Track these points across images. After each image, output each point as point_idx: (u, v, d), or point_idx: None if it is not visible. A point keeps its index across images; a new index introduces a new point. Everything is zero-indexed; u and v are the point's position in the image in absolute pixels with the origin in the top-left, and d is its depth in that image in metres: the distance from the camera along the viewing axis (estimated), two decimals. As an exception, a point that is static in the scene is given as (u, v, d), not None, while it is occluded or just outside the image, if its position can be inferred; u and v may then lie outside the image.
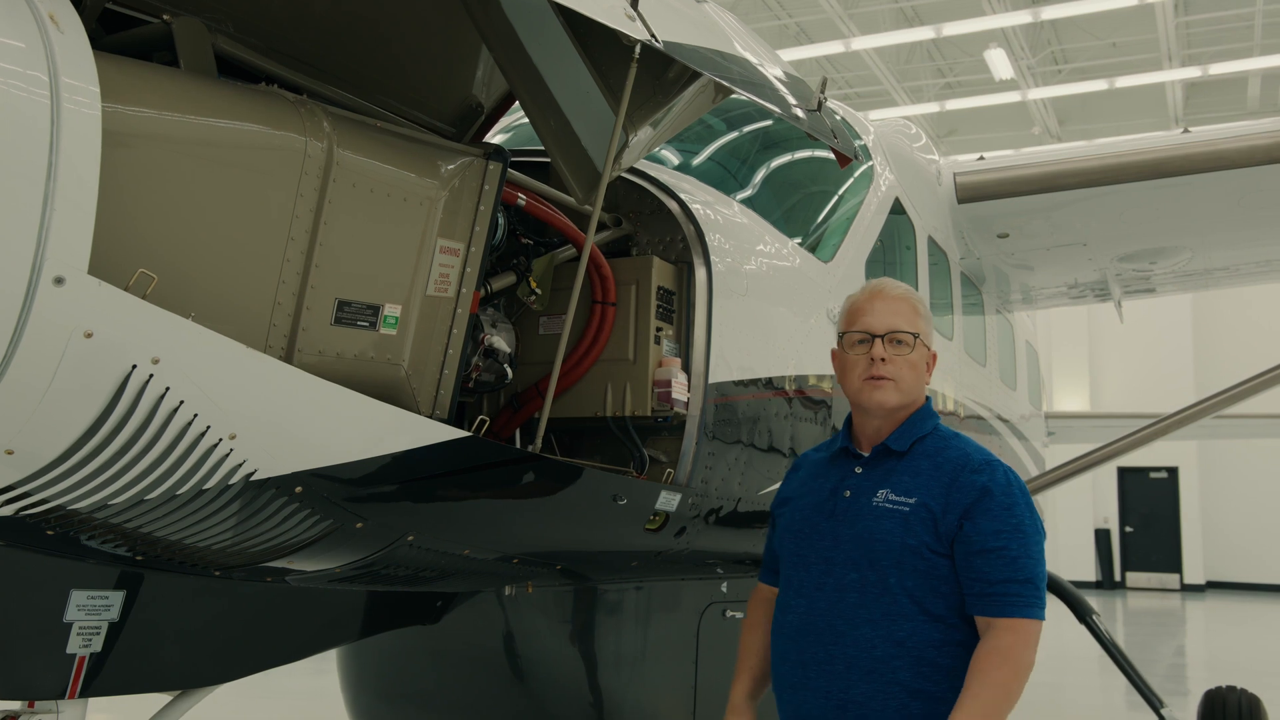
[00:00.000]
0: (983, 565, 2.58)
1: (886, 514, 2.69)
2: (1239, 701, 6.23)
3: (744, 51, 3.25)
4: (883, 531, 2.67)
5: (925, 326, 2.87)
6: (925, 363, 2.87)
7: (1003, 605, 2.56)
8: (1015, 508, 2.65)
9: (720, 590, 4.49)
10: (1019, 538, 2.61)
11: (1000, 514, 2.62)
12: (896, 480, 2.73)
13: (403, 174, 2.78)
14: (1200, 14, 21.16)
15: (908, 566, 2.63)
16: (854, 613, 2.65)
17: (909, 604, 2.61)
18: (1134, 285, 7.69)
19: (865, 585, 2.65)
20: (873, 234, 5.02)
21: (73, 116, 1.95)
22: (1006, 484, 2.68)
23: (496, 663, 4.27)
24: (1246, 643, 15.98)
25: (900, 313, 2.84)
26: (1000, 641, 2.52)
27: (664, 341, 3.62)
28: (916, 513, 2.66)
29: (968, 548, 2.61)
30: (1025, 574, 2.58)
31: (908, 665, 2.58)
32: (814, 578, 2.76)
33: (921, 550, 2.63)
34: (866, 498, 2.74)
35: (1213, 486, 23.97)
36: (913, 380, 2.82)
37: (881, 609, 2.62)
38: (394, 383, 2.82)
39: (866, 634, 2.62)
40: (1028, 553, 2.61)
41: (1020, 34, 21.57)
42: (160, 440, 2.21)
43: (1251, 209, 6.05)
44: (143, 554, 2.63)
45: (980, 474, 2.67)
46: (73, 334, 2.00)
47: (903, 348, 2.80)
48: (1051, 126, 24.98)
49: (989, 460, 2.75)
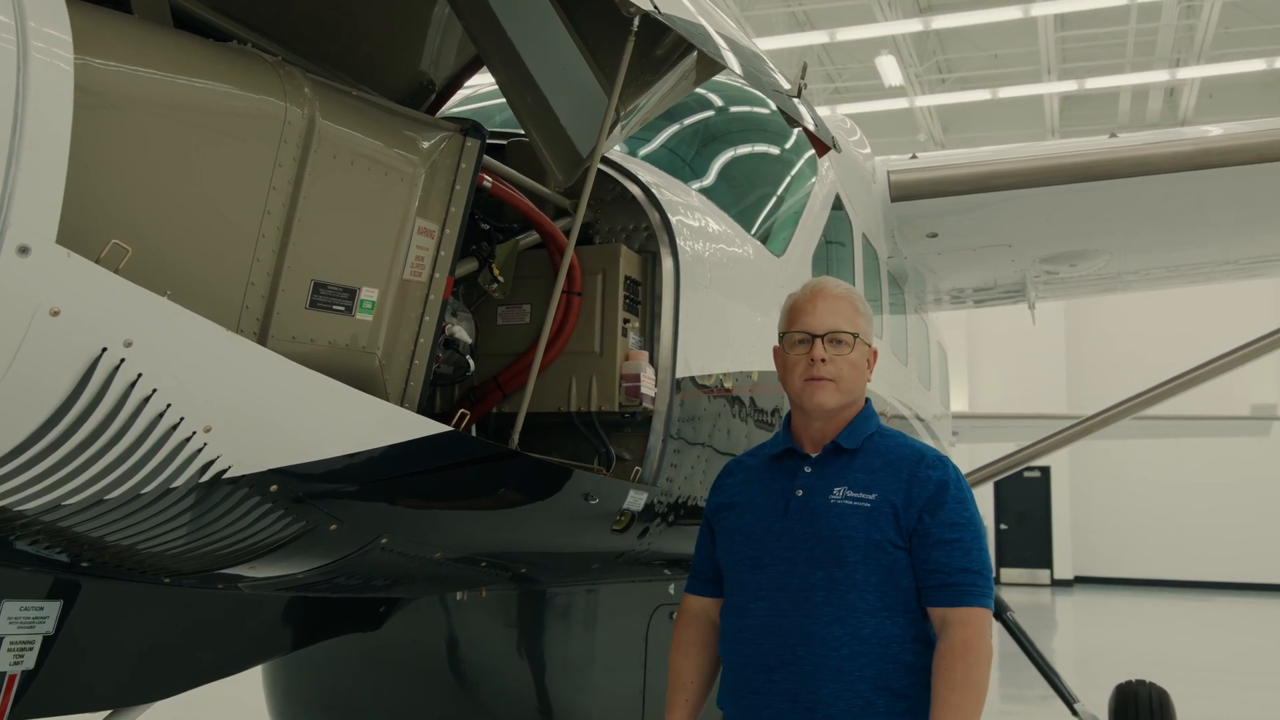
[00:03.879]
0: (941, 556, 2.62)
1: (849, 510, 2.68)
2: (1149, 695, 6.38)
3: (729, 30, 3.12)
4: (847, 528, 2.66)
5: (865, 325, 2.86)
6: (866, 361, 2.86)
7: (960, 595, 2.59)
8: (967, 502, 2.72)
9: (668, 592, 4.35)
10: (972, 530, 2.67)
11: (955, 507, 2.67)
12: (852, 477, 2.72)
13: (384, 147, 2.57)
14: (1077, 29, 21.94)
15: (873, 562, 2.63)
16: (821, 611, 2.62)
17: (874, 599, 2.61)
18: (1050, 288, 7.86)
19: (832, 583, 2.63)
20: (818, 229, 4.95)
21: (42, 66, 1.70)
22: (958, 478, 2.75)
23: (438, 669, 4.05)
24: (1117, 634, 16.63)
25: (840, 312, 2.82)
26: (959, 636, 2.55)
27: (630, 334, 3.46)
28: (879, 508, 2.66)
29: (926, 539, 2.63)
30: (978, 565, 2.64)
31: (873, 662, 2.58)
32: (774, 579, 2.70)
33: (885, 545, 2.63)
34: (821, 496, 2.72)
35: (1082, 486, 24.95)
36: (853, 380, 2.81)
37: (848, 606, 2.61)
38: (368, 372, 2.60)
39: (835, 632, 2.60)
40: (979, 545, 2.67)
41: (910, 42, 22.04)
42: (128, 433, 1.97)
43: (1170, 214, 6.22)
44: (89, 560, 2.36)
45: (935, 469, 2.72)
46: (37, 310, 1.74)
47: (843, 347, 2.78)
48: (936, 134, 25.61)
49: (940, 456, 2.80)
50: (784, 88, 3.27)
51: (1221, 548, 23.56)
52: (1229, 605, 20.85)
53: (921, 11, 21.03)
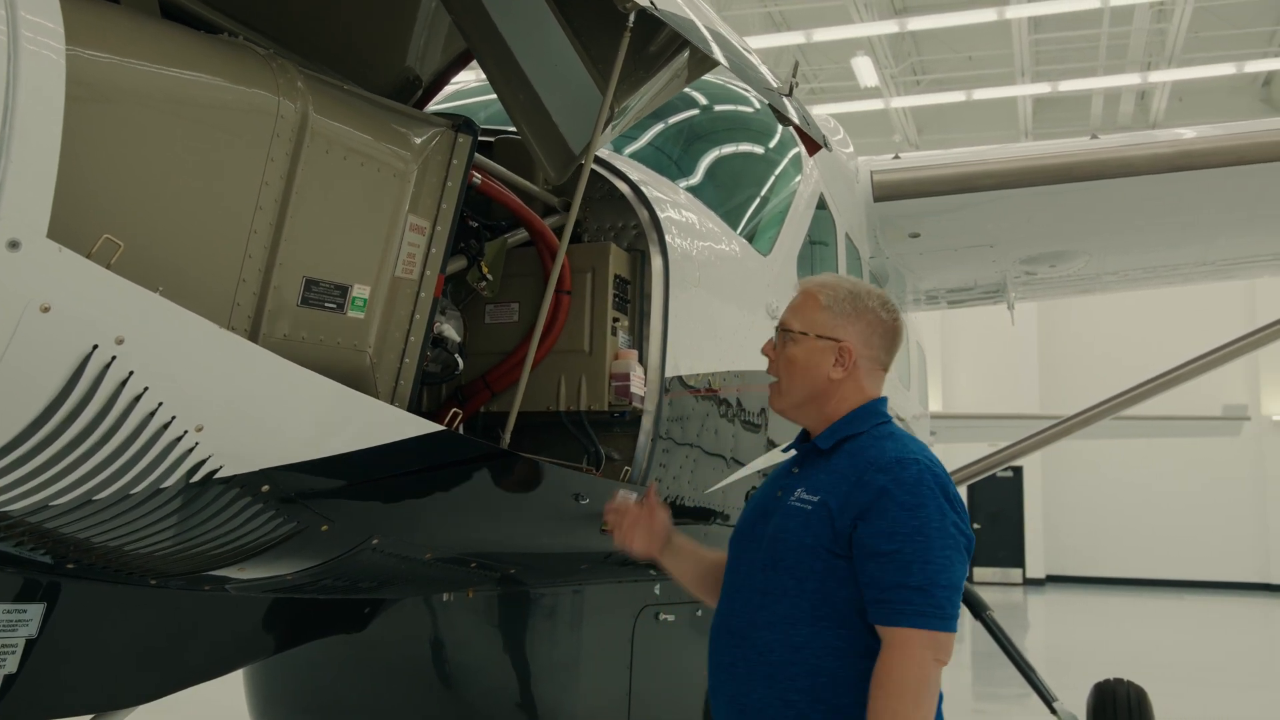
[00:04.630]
0: (875, 569, 2.35)
1: (793, 513, 2.52)
2: (1127, 694, 6.41)
3: (720, 28, 3.10)
4: (785, 531, 2.50)
5: (827, 319, 2.63)
6: (818, 358, 2.61)
7: (889, 613, 2.32)
8: (921, 509, 2.37)
9: (654, 592, 4.33)
10: (919, 541, 2.34)
11: (898, 515, 2.37)
12: (814, 479, 2.55)
13: (376, 143, 2.53)
14: (1051, 33, 22.10)
15: (805, 567, 2.44)
16: (756, 615, 2.49)
17: (807, 607, 2.42)
18: (1029, 288, 7.90)
19: (768, 587, 2.49)
20: (803, 229, 4.94)
21: (33, 57, 1.66)
22: (915, 482, 2.41)
23: (423, 671, 4.01)
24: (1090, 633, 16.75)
25: (796, 306, 2.69)
26: (883, 660, 2.30)
27: (620, 333, 3.44)
28: (817, 511, 2.47)
29: (861, 550, 2.38)
30: (919, 579, 2.31)
31: (806, 674, 2.40)
32: (735, 580, 2.63)
33: (819, 550, 2.43)
34: (786, 497, 2.58)
35: (1054, 486, 25.14)
36: (790, 378, 2.64)
37: (781, 612, 2.45)
38: (359, 371, 2.57)
39: (765, 637, 2.45)
40: (927, 556, 2.33)
41: (885, 43, 22.13)
42: (118, 432, 1.93)
43: (1150, 215, 6.26)
44: (75, 562, 2.31)
45: (886, 472, 2.42)
46: (27, 306, 1.70)
47: (788, 344, 2.65)
48: (911, 135, 25.73)
49: (902, 459, 2.47)
50: (775, 86, 3.26)
51: (1192, 547, 23.82)
52: (1200, 604, 21.05)
53: (897, 13, 21.11)
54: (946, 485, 2.45)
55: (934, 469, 2.46)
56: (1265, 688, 12.22)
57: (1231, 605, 20.98)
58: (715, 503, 3.95)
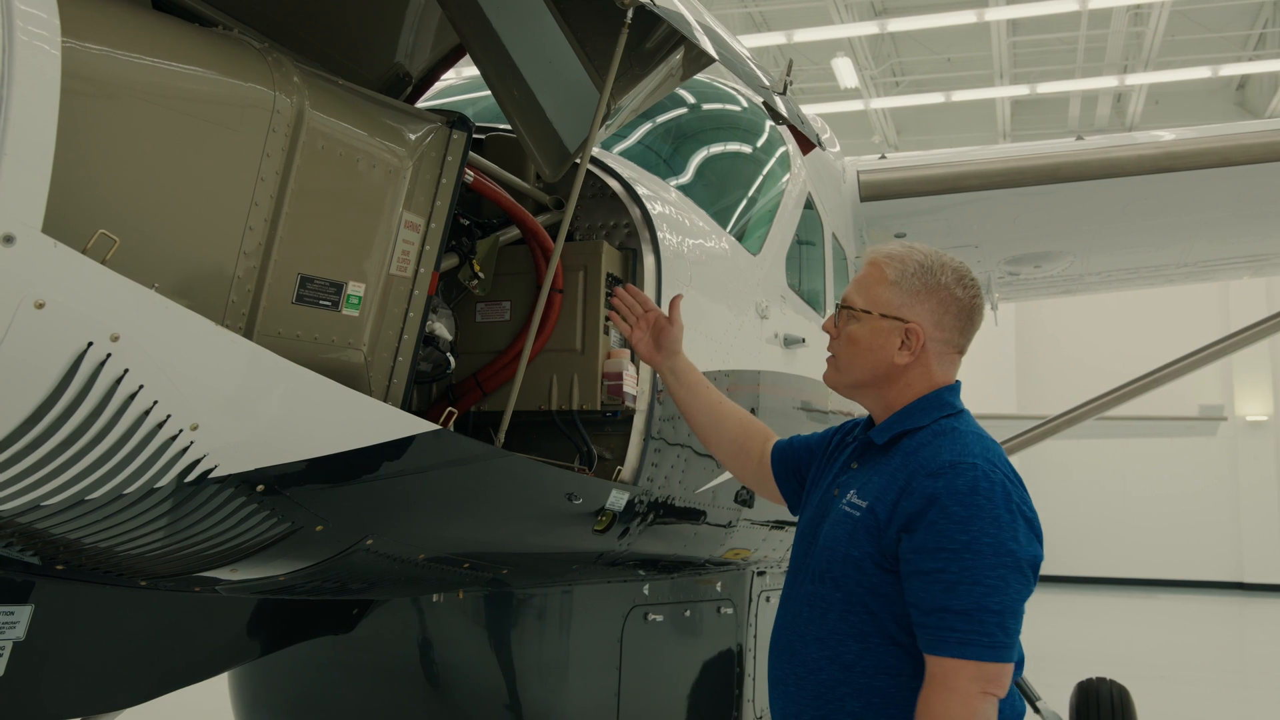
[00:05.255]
0: (918, 589, 2.13)
1: (842, 519, 2.32)
2: (1110, 692, 6.45)
3: (715, 26, 3.09)
4: (833, 539, 2.32)
5: (893, 295, 2.38)
6: (883, 338, 2.38)
7: (932, 640, 2.11)
8: (972, 521, 2.11)
9: (643, 593, 4.31)
10: (966, 558, 2.09)
11: (946, 528, 2.12)
12: (866, 480, 2.34)
13: (372, 139, 2.50)
14: (1029, 35, 22.22)
15: (852, 581, 2.25)
16: (805, 629, 2.33)
17: (856, 623, 2.24)
18: (1012, 289, 7.94)
19: (815, 600, 2.32)
20: (792, 228, 4.93)
21: (28, 49, 1.62)
22: (969, 491, 2.14)
23: (410, 672, 3.97)
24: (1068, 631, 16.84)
25: (862, 279, 2.45)
26: (927, 694, 2.10)
27: (612, 332, 3.42)
28: (864, 520, 2.26)
29: (906, 567, 2.17)
30: (964, 603, 2.07)
31: (855, 693, 2.22)
32: (790, 588, 2.49)
33: (864, 564, 2.23)
34: (841, 498, 2.38)
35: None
36: (850, 358, 2.43)
37: (829, 628, 2.27)
38: (353, 370, 2.54)
39: (814, 654, 2.29)
40: (975, 577, 2.08)
41: (865, 44, 22.19)
42: (112, 431, 1.89)
43: (1134, 216, 6.29)
44: (65, 563, 2.27)
45: (938, 478, 2.17)
46: (22, 303, 1.66)
47: (850, 321, 2.44)
48: (890, 136, 25.81)
49: (957, 462, 2.20)
50: (769, 87, 3.25)
51: (1167, 547, 23.97)
52: (1174, 602, 21.21)
53: (877, 14, 21.16)
54: (1010, 492, 2.19)
55: (993, 474, 2.19)
56: (1243, 686, 12.33)
57: (1206, 604, 21.15)
58: (706, 503, 3.93)
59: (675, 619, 4.51)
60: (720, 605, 4.81)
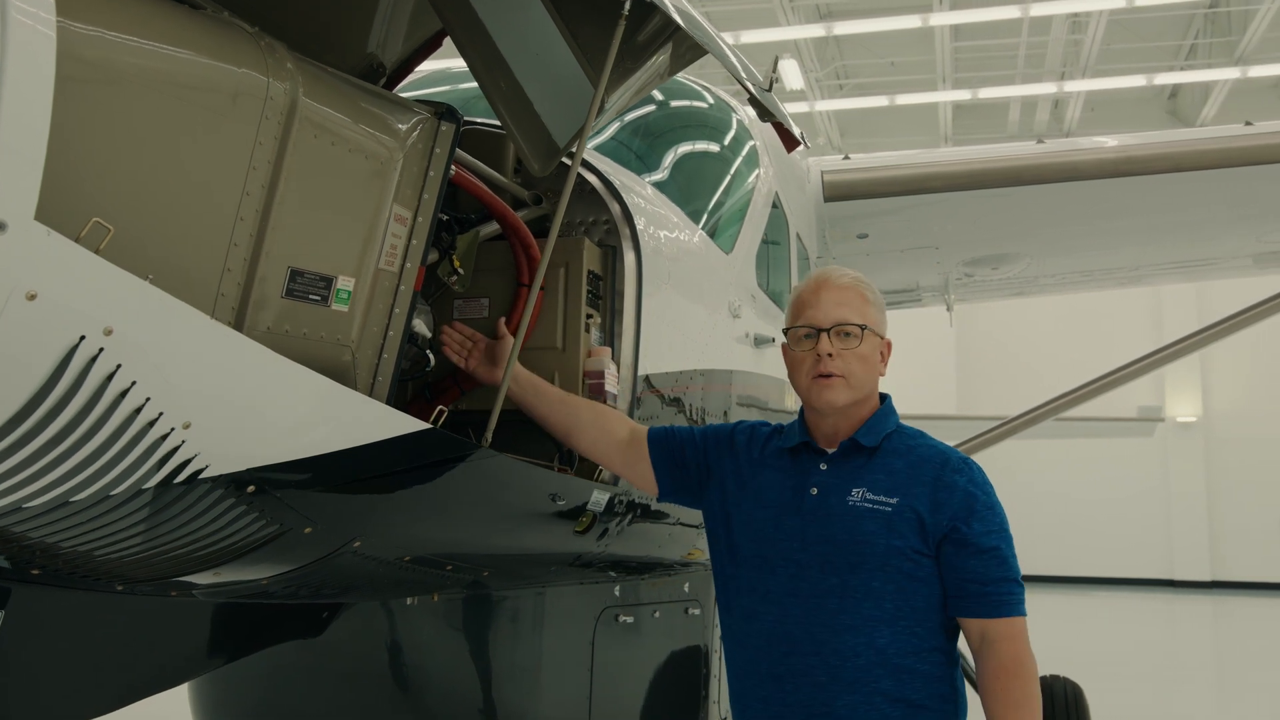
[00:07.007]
0: (979, 566, 2.52)
1: (867, 514, 2.55)
2: (1064, 690, 6.51)
3: (703, 20, 3.05)
4: (865, 533, 2.53)
5: (876, 314, 2.73)
6: (879, 353, 2.73)
7: (999, 605, 2.51)
8: (996, 507, 2.62)
9: (614, 594, 4.26)
10: (1005, 537, 2.59)
11: (987, 514, 2.58)
12: (871, 478, 2.59)
13: (364, 129, 2.42)
14: (971, 40, 22.51)
15: (892, 569, 2.51)
16: (834, 619, 2.51)
17: (890, 608, 2.51)
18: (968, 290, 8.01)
19: (846, 590, 2.51)
20: (760, 227, 4.91)
21: (23, 31, 1.53)
22: (985, 481, 2.64)
23: (379, 675, 3.88)
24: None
25: (847, 302, 2.68)
26: (1009, 652, 2.48)
27: (593, 329, 3.37)
28: (900, 513, 2.53)
29: (963, 548, 2.53)
30: (1015, 572, 2.57)
31: (889, 674, 2.49)
32: (783, 583, 2.58)
33: (907, 552, 2.52)
34: (838, 496, 2.59)
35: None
36: (863, 374, 2.67)
37: (863, 615, 2.50)
38: (341, 366, 2.45)
39: (849, 642, 2.49)
40: (1013, 552, 2.60)
41: (810, 47, 22.32)
42: (102, 429, 1.80)
43: (1090, 220, 6.38)
44: (40, 567, 2.16)
45: (961, 473, 2.60)
46: (12, 294, 1.57)
47: (851, 340, 2.65)
48: (834, 138, 25.99)
49: (964, 459, 2.68)
50: (755, 82, 3.22)
51: (1108, 544, 24.37)
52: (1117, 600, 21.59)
53: (823, 17, 21.28)
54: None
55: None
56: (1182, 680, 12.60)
57: (1151, 600, 21.58)
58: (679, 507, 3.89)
59: (645, 620, 4.47)
60: (688, 606, 4.78)
